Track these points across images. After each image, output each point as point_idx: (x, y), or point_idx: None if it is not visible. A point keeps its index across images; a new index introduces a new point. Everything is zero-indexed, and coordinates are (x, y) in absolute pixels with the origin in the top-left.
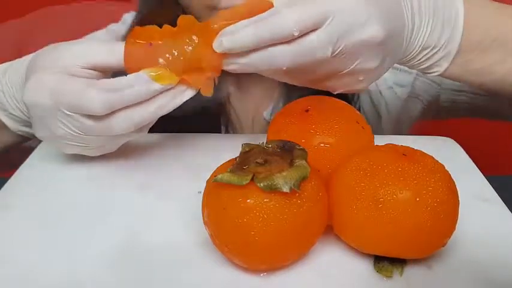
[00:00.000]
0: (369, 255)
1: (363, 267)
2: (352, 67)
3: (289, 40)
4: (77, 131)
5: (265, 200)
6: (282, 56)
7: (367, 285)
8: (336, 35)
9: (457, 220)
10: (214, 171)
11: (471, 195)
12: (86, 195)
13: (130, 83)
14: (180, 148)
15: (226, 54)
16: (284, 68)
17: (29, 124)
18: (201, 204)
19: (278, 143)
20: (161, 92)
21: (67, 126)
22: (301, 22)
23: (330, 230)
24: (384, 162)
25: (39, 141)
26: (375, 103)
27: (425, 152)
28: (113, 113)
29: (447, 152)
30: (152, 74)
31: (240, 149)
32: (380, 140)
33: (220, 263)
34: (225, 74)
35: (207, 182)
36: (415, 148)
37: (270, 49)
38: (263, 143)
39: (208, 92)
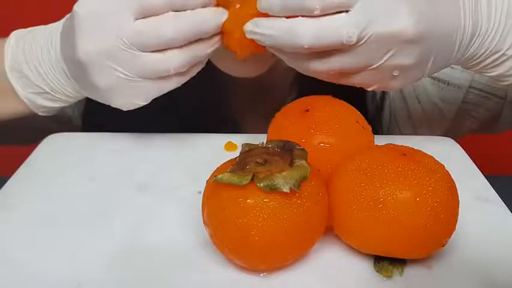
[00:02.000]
0: (368, 255)
1: (363, 267)
2: (381, 62)
3: (313, 16)
4: (127, 40)
5: (265, 200)
6: (303, 30)
7: (367, 285)
8: (363, 21)
9: (457, 220)
10: (214, 171)
11: (471, 195)
12: (86, 195)
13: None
14: (180, 148)
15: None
16: (305, 46)
17: (39, 91)
18: (201, 204)
19: (278, 143)
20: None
21: (118, 35)
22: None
23: (330, 230)
24: (384, 162)
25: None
26: (413, 118)
27: (425, 152)
28: (164, 14)
29: (447, 152)
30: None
31: (240, 149)
32: (380, 140)
33: (220, 263)
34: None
35: (207, 182)
36: (415, 148)
37: (293, 19)
38: (263, 143)
39: (242, 54)
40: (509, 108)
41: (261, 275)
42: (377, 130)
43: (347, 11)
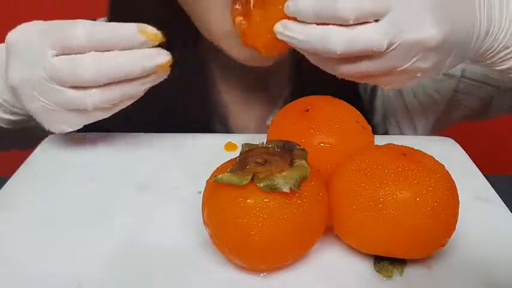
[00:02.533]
0: (369, 255)
1: (363, 267)
2: (406, 66)
3: (346, 25)
4: (47, 75)
5: (265, 200)
6: (336, 37)
7: (367, 285)
8: (393, 30)
9: (457, 220)
10: (214, 171)
11: (471, 195)
12: (86, 195)
13: (118, 26)
14: (180, 148)
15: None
16: (338, 53)
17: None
18: (201, 204)
19: (278, 143)
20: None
21: (39, 67)
22: (359, 9)
23: (330, 230)
24: (384, 162)
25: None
26: (408, 108)
27: (425, 152)
28: (85, 53)
29: (447, 152)
30: (140, 26)
31: (240, 149)
32: (380, 140)
33: (220, 263)
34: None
35: (207, 182)
36: (415, 148)
37: (326, 27)
38: (263, 143)
39: (269, 52)
40: (501, 97)
41: (261, 275)
42: (370, 119)
43: (376, 20)
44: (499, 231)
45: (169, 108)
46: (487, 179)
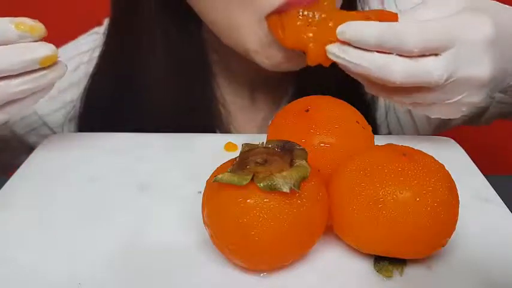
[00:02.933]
0: (369, 255)
1: (362, 267)
2: (457, 99)
3: (407, 56)
4: None
5: (265, 200)
6: (398, 68)
7: (367, 285)
8: (453, 65)
9: (457, 220)
10: (214, 171)
11: (471, 195)
12: (86, 195)
13: None
14: (180, 148)
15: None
16: (397, 83)
17: None
18: (201, 204)
19: (278, 143)
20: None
21: None
22: (424, 43)
23: (330, 230)
24: (384, 162)
25: None
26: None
27: (425, 152)
28: None
29: (447, 152)
30: (15, 19)
31: (240, 149)
32: (380, 140)
33: (220, 263)
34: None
35: (207, 182)
36: (415, 148)
37: (388, 57)
38: (263, 143)
39: (313, 60)
40: (495, 107)
41: (261, 275)
42: (373, 119)
43: (436, 54)
44: (499, 231)
45: (172, 109)
46: (487, 179)
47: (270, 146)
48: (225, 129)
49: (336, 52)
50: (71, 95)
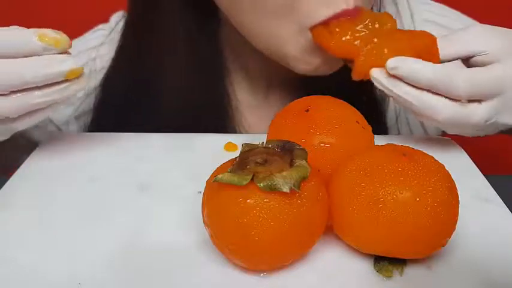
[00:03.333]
0: (369, 255)
1: (363, 267)
2: (486, 131)
3: (455, 100)
4: None
5: (265, 200)
6: (444, 110)
7: (367, 285)
8: (494, 113)
9: (457, 220)
10: (214, 171)
11: (471, 195)
12: (86, 195)
13: (15, 32)
14: (180, 148)
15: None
16: (441, 121)
17: None
18: (201, 204)
19: (278, 143)
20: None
21: None
22: (472, 92)
23: (330, 230)
24: (384, 162)
25: None
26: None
27: (425, 152)
28: None
29: (447, 152)
30: (38, 31)
31: (240, 149)
32: (380, 140)
33: (220, 263)
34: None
35: (207, 182)
36: (415, 148)
37: (437, 99)
38: (263, 143)
39: (358, 75)
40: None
41: (261, 275)
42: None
43: (479, 101)
44: (499, 231)
45: (188, 107)
46: (487, 179)
47: (270, 146)
48: (237, 128)
49: (382, 80)
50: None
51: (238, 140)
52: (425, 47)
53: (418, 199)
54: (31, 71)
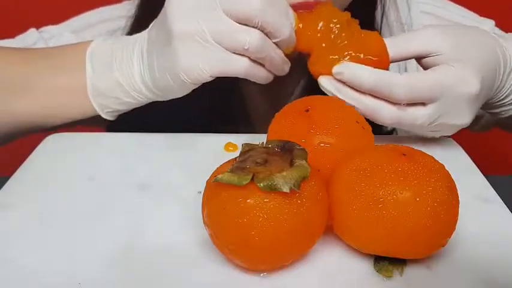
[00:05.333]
0: (369, 255)
1: (363, 267)
2: (434, 132)
3: (396, 104)
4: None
5: (265, 200)
6: (385, 113)
7: (367, 285)
8: (436, 115)
9: (457, 220)
10: (214, 171)
11: (471, 195)
12: (86, 195)
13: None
14: (180, 148)
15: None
16: (385, 124)
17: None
18: (201, 204)
19: (278, 143)
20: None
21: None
22: (411, 96)
23: (330, 230)
24: (384, 162)
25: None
26: None
27: (425, 152)
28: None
29: (447, 152)
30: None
31: (240, 149)
32: (380, 140)
33: (220, 263)
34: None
35: (207, 182)
36: (415, 148)
37: (379, 103)
38: (263, 143)
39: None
40: (489, 116)
41: (261, 275)
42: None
43: (423, 104)
44: (499, 231)
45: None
46: (487, 179)
47: (270, 146)
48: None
49: (328, 87)
50: None
51: (238, 140)
52: (375, 49)
53: (418, 199)
54: (287, 26)
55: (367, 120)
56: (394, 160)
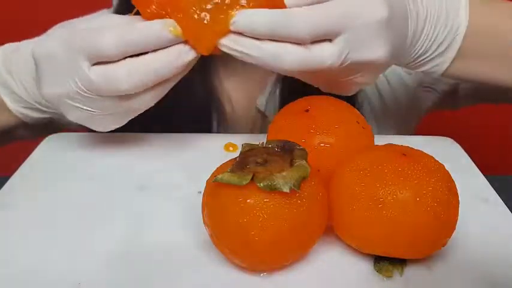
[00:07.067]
0: (369, 255)
1: (363, 267)
2: (350, 78)
3: (300, 44)
4: (84, 88)
5: (265, 200)
6: (290, 56)
7: (367, 285)
8: (346, 51)
9: (457, 220)
10: (214, 171)
11: (471, 195)
12: (86, 195)
13: (144, 26)
14: (180, 148)
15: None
16: (292, 71)
17: (30, 106)
18: (201, 204)
19: (278, 143)
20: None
21: (74, 81)
22: (314, 31)
23: (330, 230)
24: (384, 162)
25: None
26: (381, 93)
27: (425, 152)
28: (119, 62)
29: (447, 152)
30: (167, 23)
31: (240, 149)
32: (380, 140)
33: (220, 263)
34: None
35: (207, 182)
36: (415, 148)
37: (280, 45)
38: (263, 143)
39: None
40: (464, 88)
41: (261, 275)
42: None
43: (330, 40)
44: (499, 231)
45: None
46: (487, 179)
47: (270, 146)
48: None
49: (227, 44)
50: None
51: (238, 140)
52: None
53: (418, 199)
54: (166, 67)
55: (372, 109)
56: (394, 160)
